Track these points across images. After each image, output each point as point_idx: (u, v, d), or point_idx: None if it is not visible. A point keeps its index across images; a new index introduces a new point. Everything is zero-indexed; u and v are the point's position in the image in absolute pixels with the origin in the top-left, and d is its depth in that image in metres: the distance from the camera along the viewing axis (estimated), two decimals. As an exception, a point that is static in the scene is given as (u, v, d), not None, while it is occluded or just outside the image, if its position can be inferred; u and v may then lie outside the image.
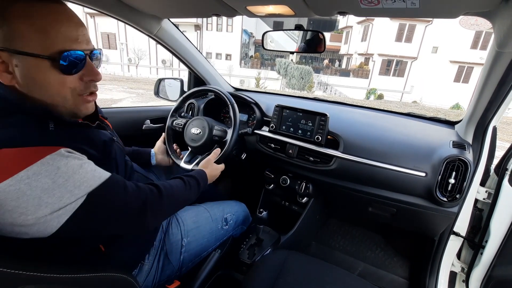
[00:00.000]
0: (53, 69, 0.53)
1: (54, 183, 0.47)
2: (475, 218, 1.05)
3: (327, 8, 0.76)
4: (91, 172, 0.53)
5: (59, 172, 0.48)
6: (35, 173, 0.46)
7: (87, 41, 0.58)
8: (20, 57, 0.51)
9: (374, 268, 1.48)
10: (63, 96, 0.57)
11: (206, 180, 0.92)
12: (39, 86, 0.54)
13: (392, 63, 19.03)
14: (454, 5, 0.64)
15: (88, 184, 0.51)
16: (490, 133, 1.00)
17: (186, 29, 19.22)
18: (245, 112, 1.49)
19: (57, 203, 0.47)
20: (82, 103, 0.61)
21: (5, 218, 0.44)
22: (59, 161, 0.48)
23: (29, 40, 0.50)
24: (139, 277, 0.81)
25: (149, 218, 0.63)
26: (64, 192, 0.48)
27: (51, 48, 0.52)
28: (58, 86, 0.55)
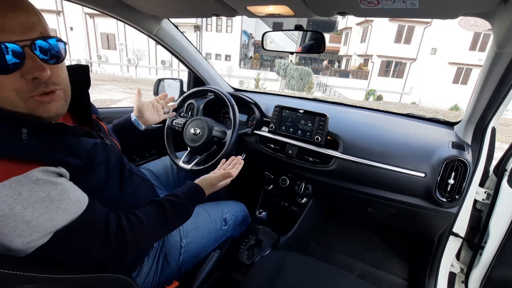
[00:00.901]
0: None
1: (10, 210, 0.42)
2: (474, 218, 1.05)
3: (327, 8, 0.76)
4: (57, 203, 0.47)
5: (19, 199, 0.43)
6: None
7: (24, 29, 0.47)
8: None
9: (373, 269, 1.48)
10: (9, 100, 0.48)
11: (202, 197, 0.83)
12: None
13: (391, 64, 19.07)
14: (453, 5, 0.64)
15: (49, 217, 0.46)
16: (489, 134, 1.00)
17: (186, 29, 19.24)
18: (244, 113, 1.49)
19: (9, 234, 0.42)
20: (38, 106, 0.50)
21: None
22: (23, 186, 0.43)
23: None
24: (138, 279, 0.80)
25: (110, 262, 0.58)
26: (19, 223, 0.43)
27: None
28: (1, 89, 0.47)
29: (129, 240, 0.59)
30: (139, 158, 1.58)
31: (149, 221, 0.65)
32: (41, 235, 0.45)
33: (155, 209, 0.68)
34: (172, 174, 1.23)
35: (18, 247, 0.44)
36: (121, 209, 0.66)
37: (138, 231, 0.62)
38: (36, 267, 0.46)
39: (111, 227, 0.56)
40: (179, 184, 1.21)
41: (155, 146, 1.67)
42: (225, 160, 1.01)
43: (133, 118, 1.01)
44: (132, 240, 0.59)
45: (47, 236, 0.46)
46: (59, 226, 0.47)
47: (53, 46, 0.51)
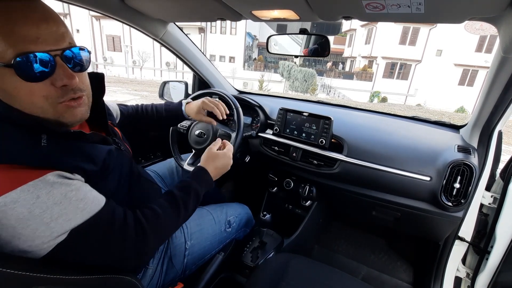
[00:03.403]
0: (14, 76, 0.46)
1: (30, 214, 0.44)
2: (481, 223, 1.04)
3: (332, 13, 0.76)
4: (75, 204, 0.48)
5: (37, 202, 0.44)
6: (12, 200, 0.43)
7: (55, 39, 0.49)
8: None
9: (377, 272, 1.47)
10: (38, 106, 0.50)
11: (210, 180, 0.82)
12: (11, 97, 0.49)
13: (396, 66, 18.97)
14: (459, 10, 0.64)
15: (68, 218, 0.47)
16: (496, 138, 0.99)
17: (190, 31, 19.36)
18: (249, 115, 1.49)
19: (31, 235, 0.44)
20: (65, 111, 0.53)
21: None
22: (40, 189, 0.45)
23: None
24: (143, 280, 0.81)
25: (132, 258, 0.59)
26: (39, 224, 0.45)
27: (8, 53, 0.45)
28: (28, 95, 0.48)
29: (149, 233, 0.60)
30: (144, 160, 1.60)
31: (165, 211, 0.66)
32: (59, 233, 0.47)
33: (167, 199, 0.69)
34: (177, 176, 1.24)
35: (38, 247, 0.46)
36: None
37: (156, 223, 0.63)
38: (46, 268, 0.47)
39: (129, 222, 0.58)
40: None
41: (160, 148, 1.68)
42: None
43: (184, 112, 1.10)
44: (151, 232, 0.61)
45: (64, 235, 0.48)
46: (75, 224, 0.49)
47: (80, 55, 0.54)
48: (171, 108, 1.10)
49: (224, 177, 1.05)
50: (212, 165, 0.85)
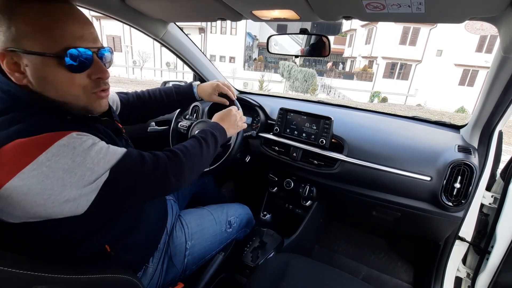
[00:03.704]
0: (61, 67, 0.53)
1: (73, 163, 0.49)
2: (481, 223, 1.04)
3: (333, 13, 0.76)
4: (105, 149, 0.55)
5: (76, 152, 0.50)
6: (54, 154, 0.48)
7: (94, 39, 0.58)
8: (29, 57, 0.51)
9: (377, 272, 1.47)
10: (74, 94, 0.57)
11: (223, 130, 0.90)
12: (50, 85, 0.55)
13: (396, 66, 18.96)
14: (459, 10, 0.64)
15: (106, 160, 0.54)
16: (496, 137, 0.99)
17: (190, 32, 19.36)
18: (249, 115, 1.49)
19: (80, 181, 0.50)
20: (95, 100, 0.61)
21: (37, 201, 0.47)
22: (74, 142, 0.50)
23: (35, 39, 0.51)
24: (143, 280, 0.81)
25: (172, 181, 0.66)
26: (85, 170, 0.50)
27: (56, 46, 0.52)
28: (67, 84, 0.56)
29: (180, 156, 0.70)
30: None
31: (188, 143, 0.77)
32: (102, 173, 0.53)
33: (187, 141, 0.79)
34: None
35: (89, 189, 0.51)
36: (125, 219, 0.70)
37: (184, 150, 0.73)
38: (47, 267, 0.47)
39: (158, 153, 0.67)
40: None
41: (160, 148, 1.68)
42: None
43: (196, 94, 1.11)
44: (183, 156, 0.70)
45: (106, 173, 0.53)
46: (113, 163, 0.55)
47: (109, 54, 0.63)
48: (181, 91, 1.11)
49: (224, 177, 1.05)
50: (221, 120, 0.94)
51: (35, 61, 0.52)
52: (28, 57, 0.51)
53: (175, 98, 1.09)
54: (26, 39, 0.51)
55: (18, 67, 0.53)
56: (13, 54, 0.51)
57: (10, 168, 0.46)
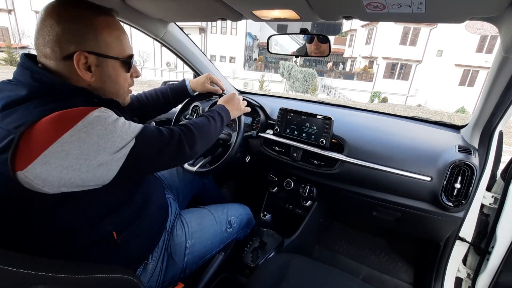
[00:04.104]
0: (122, 68, 0.69)
1: (106, 130, 0.55)
2: (481, 223, 1.04)
3: (333, 13, 0.76)
4: (128, 123, 0.62)
5: (107, 121, 0.56)
6: (89, 122, 0.54)
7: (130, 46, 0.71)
8: (102, 59, 0.63)
9: (378, 272, 1.47)
10: (124, 89, 0.73)
11: (227, 111, 1.00)
12: (113, 82, 0.68)
13: (397, 66, 18.96)
14: (460, 10, 0.64)
15: (131, 130, 0.61)
16: (497, 138, 0.99)
17: (191, 32, 19.35)
18: (249, 115, 1.49)
19: (112, 147, 0.56)
20: (128, 94, 0.77)
21: (73, 165, 0.52)
22: (104, 114, 0.57)
23: (111, 46, 0.64)
24: (143, 277, 0.81)
25: (186, 149, 0.74)
26: (116, 137, 0.57)
27: (124, 52, 0.68)
28: (123, 82, 0.71)
29: (192, 128, 0.79)
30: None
31: (198, 119, 0.86)
32: (129, 140, 0.60)
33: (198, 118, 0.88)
34: (177, 176, 1.24)
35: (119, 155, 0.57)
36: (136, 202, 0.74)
37: (194, 124, 0.82)
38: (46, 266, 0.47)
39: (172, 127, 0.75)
40: (185, 186, 1.22)
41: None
42: None
43: (187, 82, 1.18)
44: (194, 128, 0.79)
45: (133, 140, 0.60)
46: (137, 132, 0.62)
47: None
48: (175, 87, 1.17)
49: (224, 177, 1.05)
50: (226, 103, 1.03)
51: (107, 63, 0.64)
52: (102, 59, 0.63)
53: (170, 95, 1.15)
54: (104, 45, 0.63)
55: (89, 67, 0.62)
56: (89, 56, 0.61)
57: (50, 135, 0.51)
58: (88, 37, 0.60)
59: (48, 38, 0.58)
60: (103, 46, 0.62)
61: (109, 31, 0.63)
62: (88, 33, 0.60)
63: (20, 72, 0.60)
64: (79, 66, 0.60)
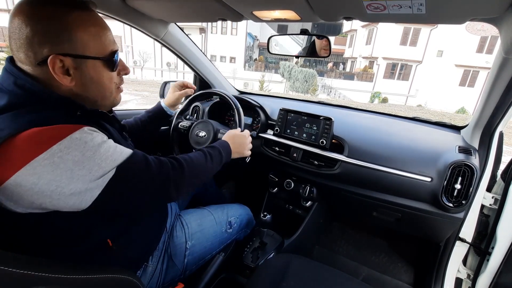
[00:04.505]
0: (105, 68, 0.62)
1: (83, 156, 0.51)
2: (481, 224, 1.04)
3: (333, 14, 0.76)
4: (113, 147, 0.57)
5: (87, 146, 0.52)
6: (66, 146, 0.50)
7: (115, 41, 0.65)
8: (80, 61, 0.57)
9: (378, 273, 1.47)
10: (110, 90, 0.66)
11: (229, 152, 0.93)
12: (95, 84, 0.62)
13: (397, 67, 18.95)
14: (460, 11, 0.64)
15: (113, 158, 0.56)
16: (497, 138, 0.99)
17: (191, 32, 19.36)
18: (249, 115, 1.49)
19: (87, 175, 0.51)
20: (118, 94, 0.70)
21: (44, 191, 0.48)
22: (86, 137, 0.53)
23: (88, 45, 0.57)
24: (143, 279, 0.81)
25: (171, 190, 0.67)
26: (93, 165, 0.52)
27: (105, 50, 0.61)
28: (108, 82, 0.64)
29: (184, 167, 0.71)
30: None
31: (194, 155, 0.79)
32: (108, 170, 0.55)
33: (195, 153, 0.81)
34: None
35: (94, 185, 0.52)
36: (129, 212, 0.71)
37: (189, 161, 0.74)
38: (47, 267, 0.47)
39: (163, 160, 0.68)
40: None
41: (161, 149, 1.68)
42: None
43: (164, 107, 1.16)
44: (186, 167, 0.71)
45: (112, 171, 0.55)
46: (120, 162, 0.57)
47: None
48: (151, 110, 1.16)
49: (225, 178, 1.05)
50: (232, 141, 0.96)
51: (86, 64, 0.58)
52: (80, 61, 0.57)
53: (147, 118, 1.12)
54: (80, 45, 0.56)
55: (67, 70, 0.56)
56: (65, 59, 0.55)
57: (23, 156, 0.47)
58: (61, 38, 0.54)
59: (20, 42, 0.53)
60: (79, 46, 0.56)
61: (84, 28, 0.56)
62: (61, 33, 0.54)
63: (4, 77, 0.56)
64: (55, 71, 0.54)
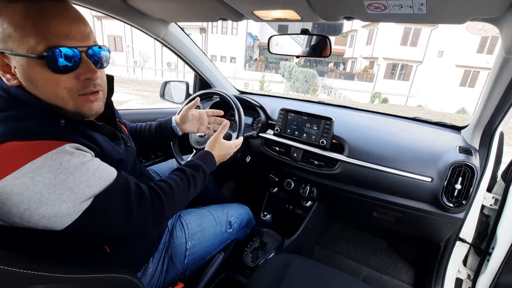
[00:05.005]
0: (45, 68, 0.51)
1: (55, 179, 0.47)
2: (482, 224, 1.04)
3: (334, 13, 0.76)
4: (92, 172, 0.52)
5: (61, 168, 0.48)
6: (38, 167, 0.46)
7: (83, 37, 0.54)
8: (16, 58, 0.50)
9: (378, 273, 1.47)
10: (60, 97, 0.54)
11: (214, 163, 0.87)
12: (37, 87, 0.53)
13: (397, 67, 18.95)
14: (461, 11, 0.64)
15: (89, 184, 0.51)
16: (497, 139, 0.99)
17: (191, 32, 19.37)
18: (250, 115, 1.49)
19: (57, 201, 0.47)
20: (84, 104, 0.57)
21: (13, 212, 0.45)
22: (62, 157, 0.48)
23: (20, 40, 0.49)
24: (143, 279, 0.81)
25: (149, 225, 0.62)
26: (64, 190, 0.48)
27: (40, 47, 0.50)
28: (53, 86, 0.53)
29: (164, 201, 0.65)
30: (145, 160, 1.60)
31: (176, 183, 0.71)
32: (83, 199, 0.50)
33: (178, 175, 0.74)
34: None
35: (65, 212, 0.48)
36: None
37: (171, 193, 0.68)
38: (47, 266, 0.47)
39: (145, 191, 0.62)
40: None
41: (161, 148, 1.68)
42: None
43: (173, 124, 1.05)
44: (167, 201, 0.65)
45: (88, 201, 0.51)
46: (97, 191, 0.52)
47: (101, 53, 0.59)
48: (162, 124, 1.06)
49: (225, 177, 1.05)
50: (216, 151, 0.90)
51: (22, 62, 0.50)
52: (15, 58, 0.50)
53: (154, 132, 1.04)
54: (12, 40, 0.49)
55: (10, 68, 0.52)
56: (2, 56, 0.50)
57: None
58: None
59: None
60: (10, 40, 0.49)
61: (16, 21, 0.49)
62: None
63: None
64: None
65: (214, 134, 0.94)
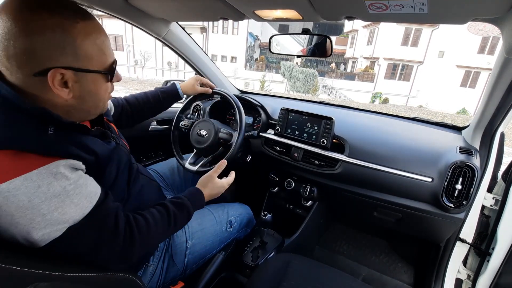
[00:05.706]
0: (103, 80, 0.59)
1: (29, 202, 0.45)
2: (482, 224, 1.04)
3: (335, 13, 0.76)
4: (71, 197, 0.50)
5: (38, 192, 0.46)
6: (15, 187, 0.44)
7: None
8: (82, 74, 0.54)
9: (378, 273, 1.47)
10: (104, 101, 0.64)
11: (202, 203, 0.85)
12: (93, 96, 0.59)
13: (398, 67, 18.93)
14: (462, 11, 0.64)
15: (63, 211, 0.48)
16: (498, 139, 0.99)
17: (192, 31, 19.39)
18: (250, 115, 1.50)
19: (27, 225, 0.45)
20: (107, 101, 0.67)
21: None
22: (43, 179, 0.47)
23: (92, 59, 0.55)
24: (143, 278, 0.81)
25: (115, 261, 0.60)
26: (36, 215, 0.46)
27: (106, 62, 0.58)
28: (104, 93, 0.62)
29: (137, 243, 0.61)
30: (146, 159, 1.60)
31: (155, 222, 0.68)
32: (54, 228, 0.48)
33: (159, 210, 0.71)
34: (178, 175, 1.25)
35: (33, 238, 0.47)
36: (128, 209, 0.68)
37: (146, 233, 0.64)
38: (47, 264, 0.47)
39: (120, 226, 0.59)
40: (185, 185, 1.22)
41: (162, 148, 1.69)
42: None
43: (177, 85, 1.19)
44: (139, 242, 0.62)
45: (60, 230, 0.49)
46: (71, 220, 0.50)
47: None
48: (166, 90, 1.17)
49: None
50: (208, 190, 0.88)
51: (88, 77, 0.56)
52: (81, 74, 0.54)
53: (161, 97, 1.14)
54: (84, 58, 0.53)
55: (66, 83, 0.53)
56: (66, 72, 0.51)
57: None
58: (65, 51, 0.50)
59: (14, 50, 0.47)
60: (82, 59, 0.53)
61: (90, 41, 0.53)
62: (66, 46, 0.50)
63: None
64: (54, 84, 0.51)
65: (209, 172, 0.93)
